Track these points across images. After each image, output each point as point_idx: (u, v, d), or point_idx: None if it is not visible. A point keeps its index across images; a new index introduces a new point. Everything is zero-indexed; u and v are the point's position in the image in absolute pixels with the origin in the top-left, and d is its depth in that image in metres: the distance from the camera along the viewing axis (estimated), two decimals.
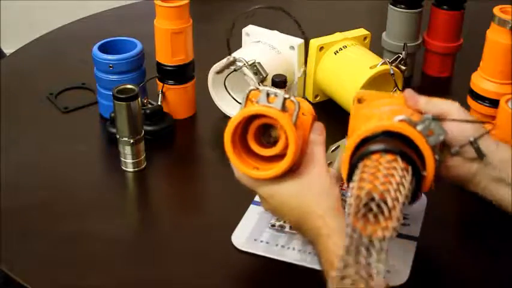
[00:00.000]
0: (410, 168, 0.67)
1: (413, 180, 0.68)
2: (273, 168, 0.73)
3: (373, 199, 0.63)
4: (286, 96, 0.71)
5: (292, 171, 0.74)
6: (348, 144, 0.71)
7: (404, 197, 0.65)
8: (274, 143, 0.75)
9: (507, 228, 0.87)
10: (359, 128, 0.72)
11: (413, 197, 0.69)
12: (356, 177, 0.67)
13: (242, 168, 0.74)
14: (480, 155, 0.75)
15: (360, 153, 0.69)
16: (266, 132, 0.75)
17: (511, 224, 0.88)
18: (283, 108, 0.71)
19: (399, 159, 0.67)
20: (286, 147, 0.72)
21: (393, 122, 0.70)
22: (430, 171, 0.69)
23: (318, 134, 0.78)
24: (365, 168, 0.67)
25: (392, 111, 0.74)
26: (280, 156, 0.73)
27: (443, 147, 0.75)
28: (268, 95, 0.72)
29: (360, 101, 0.80)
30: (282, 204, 0.75)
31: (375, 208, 0.63)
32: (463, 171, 0.77)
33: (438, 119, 0.73)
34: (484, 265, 0.83)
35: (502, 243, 0.86)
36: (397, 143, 0.68)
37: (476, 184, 0.77)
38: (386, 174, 0.65)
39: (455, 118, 0.75)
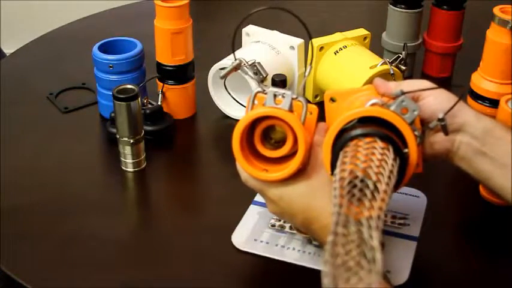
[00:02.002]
0: (391, 148, 0.68)
1: (397, 159, 0.68)
2: (283, 170, 0.72)
3: (356, 182, 0.63)
4: (294, 96, 0.71)
5: (300, 172, 0.74)
6: (326, 140, 0.71)
7: (389, 173, 0.64)
8: (274, 144, 0.74)
9: (507, 229, 0.88)
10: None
11: (401, 177, 0.69)
12: (338, 163, 0.67)
13: (252, 171, 0.74)
14: (445, 132, 0.75)
15: (338, 144, 0.69)
16: (266, 134, 0.75)
17: (510, 224, 0.88)
18: (291, 108, 0.71)
19: (378, 139, 0.67)
20: (292, 147, 0.72)
21: (366, 107, 0.70)
22: (412, 147, 0.69)
23: (322, 135, 0.76)
24: (345, 154, 0.67)
25: (363, 100, 0.74)
26: (285, 158, 0.73)
27: (423, 125, 0.75)
28: (275, 96, 0.72)
29: (332, 100, 0.80)
30: (291, 206, 0.74)
31: (358, 191, 0.62)
32: (447, 146, 0.77)
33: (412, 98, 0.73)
34: (484, 265, 0.83)
35: (502, 244, 0.86)
36: (372, 126, 0.69)
37: (461, 158, 0.77)
38: (367, 154, 0.65)
39: (429, 94, 0.76)
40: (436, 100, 0.76)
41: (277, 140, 0.74)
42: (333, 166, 0.69)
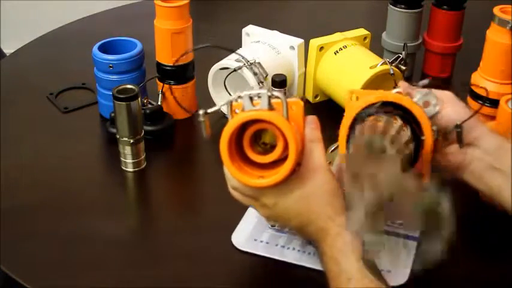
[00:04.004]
0: (409, 128, 0.68)
1: (412, 141, 0.69)
2: (279, 172, 0.71)
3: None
4: (269, 94, 0.70)
5: (294, 175, 0.73)
6: (344, 120, 0.71)
7: (407, 141, 0.65)
8: (270, 149, 0.72)
9: (507, 229, 0.87)
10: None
11: (415, 159, 0.70)
12: (356, 132, 0.68)
13: (246, 180, 0.72)
14: (460, 141, 0.76)
15: (356, 121, 0.70)
16: (257, 139, 0.73)
17: (510, 224, 0.88)
18: (270, 106, 0.70)
19: (398, 119, 0.69)
20: (285, 148, 0.71)
21: (390, 93, 0.71)
22: (428, 136, 0.70)
23: (312, 127, 0.76)
24: (364, 125, 0.68)
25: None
26: (279, 161, 0.72)
27: (440, 133, 0.77)
28: (251, 99, 0.70)
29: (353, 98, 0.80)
30: (287, 210, 0.74)
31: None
32: (459, 159, 0.78)
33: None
34: (484, 265, 0.83)
35: (502, 244, 0.86)
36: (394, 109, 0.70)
37: (471, 172, 0.78)
38: (386, 125, 0.66)
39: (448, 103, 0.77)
40: (453, 111, 0.77)
41: (272, 144, 0.73)
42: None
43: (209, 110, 0.73)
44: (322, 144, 0.75)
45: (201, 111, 0.73)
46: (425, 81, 0.73)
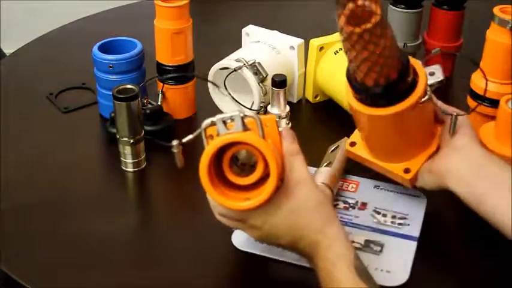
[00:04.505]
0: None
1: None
2: (263, 191, 0.70)
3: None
4: (242, 115, 0.69)
5: (279, 191, 0.72)
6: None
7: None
8: (250, 168, 0.72)
9: None
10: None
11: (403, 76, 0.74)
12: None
13: (231, 205, 0.71)
14: (453, 129, 0.80)
15: None
16: (235, 161, 0.72)
17: None
18: (245, 127, 0.69)
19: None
20: (266, 167, 0.70)
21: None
22: (421, 83, 0.75)
23: (290, 142, 0.75)
24: None
25: None
26: (261, 180, 0.71)
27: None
28: (224, 122, 0.69)
29: None
30: (277, 228, 0.73)
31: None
32: (448, 165, 0.80)
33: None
34: (484, 265, 0.83)
35: (502, 243, 0.86)
36: None
37: (458, 179, 0.79)
38: None
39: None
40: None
41: (250, 163, 0.72)
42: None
43: (184, 140, 0.72)
44: (302, 156, 0.75)
45: (174, 142, 0.72)
46: (436, 50, 0.79)
